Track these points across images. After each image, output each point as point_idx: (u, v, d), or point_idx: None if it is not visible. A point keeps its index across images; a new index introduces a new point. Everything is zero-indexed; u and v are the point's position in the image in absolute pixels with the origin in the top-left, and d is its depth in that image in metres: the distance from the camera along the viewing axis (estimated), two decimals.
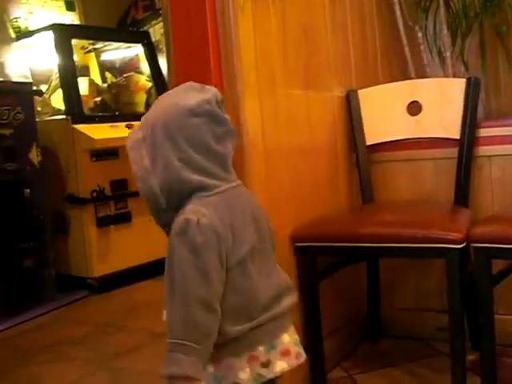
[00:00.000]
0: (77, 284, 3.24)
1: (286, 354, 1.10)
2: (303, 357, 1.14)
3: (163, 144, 1.04)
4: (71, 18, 4.34)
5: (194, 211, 1.02)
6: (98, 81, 4.18)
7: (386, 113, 2.12)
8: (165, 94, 1.14)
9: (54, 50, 3.56)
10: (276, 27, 1.80)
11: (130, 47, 4.27)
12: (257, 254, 1.09)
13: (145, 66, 4.22)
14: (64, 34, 3.59)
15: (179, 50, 1.67)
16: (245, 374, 1.05)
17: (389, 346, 2.15)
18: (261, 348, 1.07)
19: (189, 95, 1.07)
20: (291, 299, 1.16)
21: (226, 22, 1.60)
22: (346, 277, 2.08)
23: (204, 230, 0.99)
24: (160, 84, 4.05)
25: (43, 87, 3.78)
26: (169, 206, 1.05)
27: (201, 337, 0.99)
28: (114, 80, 4.21)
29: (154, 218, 1.08)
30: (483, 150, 2.02)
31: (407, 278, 2.22)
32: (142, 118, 1.10)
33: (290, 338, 1.13)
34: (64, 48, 3.55)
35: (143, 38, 4.13)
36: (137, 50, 4.24)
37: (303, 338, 1.84)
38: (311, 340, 1.84)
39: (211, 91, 1.10)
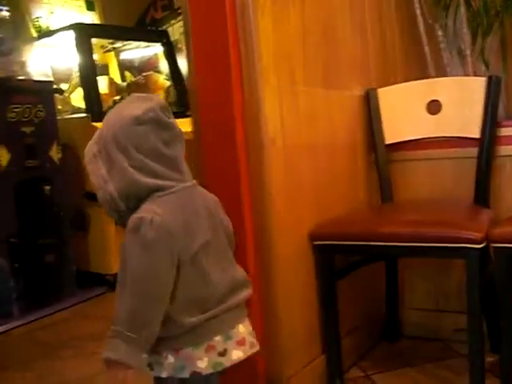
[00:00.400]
0: (96, 280, 3.27)
1: (241, 343, 1.17)
2: (257, 347, 1.21)
3: (115, 154, 1.12)
4: (91, 18, 4.37)
5: (147, 210, 1.10)
6: (118, 80, 4.21)
7: (405, 112, 2.11)
8: (114, 108, 1.24)
9: (74, 49, 3.60)
10: (295, 26, 1.79)
11: (149, 46, 4.30)
12: (212, 249, 1.16)
13: (163, 65, 4.25)
14: (84, 34, 3.62)
15: (199, 50, 1.68)
16: (203, 363, 1.11)
17: (407, 347, 2.14)
18: (217, 338, 1.13)
19: (134, 105, 1.15)
20: (247, 292, 1.23)
21: (246, 21, 1.61)
22: (365, 276, 2.07)
23: (156, 227, 1.07)
24: (178, 83, 4.07)
25: (63, 86, 3.82)
26: (128, 208, 1.12)
27: (141, 327, 1.06)
28: (133, 79, 4.23)
29: (115, 220, 1.16)
30: (504, 149, 1.99)
31: (426, 279, 2.20)
32: (96, 132, 1.19)
33: (245, 329, 1.19)
34: (84, 47, 3.58)
35: (162, 37, 4.15)
36: (156, 49, 4.27)
37: (321, 336, 1.85)
38: (329, 339, 1.84)
39: (155, 99, 1.18)
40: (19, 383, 2.18)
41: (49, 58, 3.88)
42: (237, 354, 1.15)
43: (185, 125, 3.20)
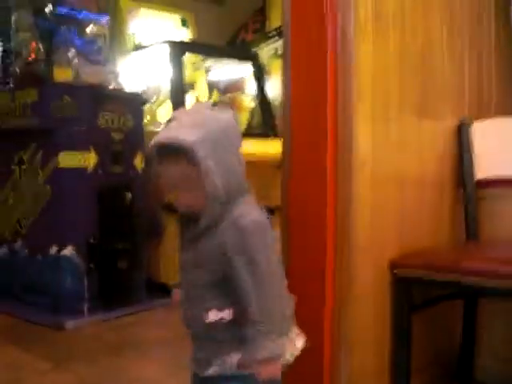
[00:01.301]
0: (164, 290, 3.30)
1: (298, 333, 1.27)
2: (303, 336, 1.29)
3: (223, 150, 1.16)
4: (184, 34, 4.50)
5: (255, 212, 1.18)
6: (205, 97, 4.29)
7: (499, 147, 2.04)
8: (195, 108, 1.44)
9: (166, 64, 3.70)
10: (394, 50, 1.78)
11: (237, 67, 4.37)
12: None
13: (250, 87, 4.30)
14: (178, 50, 3.73)
15: (296, 73, 1.68)
16: (287, 354, 1.22)
17: None
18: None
19: (215, 112, 1.22)
20: None
21: (346, 45, 1.60)
22: (441, 314, 2.00)
23: (271, 229, 1.18)
24: (264, 105, 4.11)
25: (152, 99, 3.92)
26: (226, 201, 1.17)
27: (282, 320, 1.18)
28: (220, 98, 4.31)
29: (207, 210, 1.16)
30: None
31: (507, 324, 2.09)
32: (191, 131, 1.16)
33: None
34: (176, 63, 3.69)
35: (252, 59, 4.21)
36: (244, 71, 4.33)
37: (390, 371, 1.78)
38: (399, 374, 1.78)
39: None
40: (85, 375, 2.23)
41: (141, 71, 4.01)
42: (299, 343, 1.25)
43: (268, 145, 3.26)
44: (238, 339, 1.18)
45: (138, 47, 4.08)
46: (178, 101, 3.62)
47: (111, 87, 3.33)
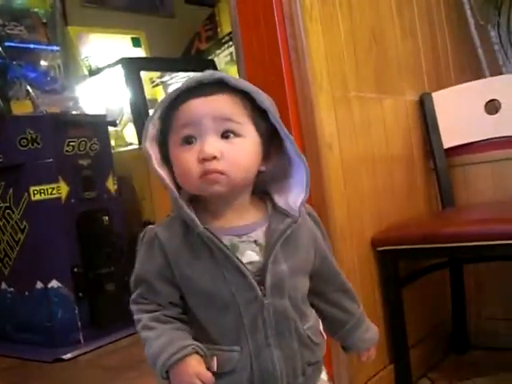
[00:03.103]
0: None
1: None
2: None
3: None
4: (139, 54, 4.48)
5: None
6: None
7: (462, 114, 2.07)
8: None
9: (123, 82, 3.68)
10: (344, 31, 1.79)
11: None
12: None
13: None
14: (132, 67, 3.71)
15: (250, 61, 1.69)
16: None
17: (477, 357, 2.05)
18: None
19: None
20: None
21: (296, 28, 1.61)
22: (430, 285, 2.02)
23: None
24: None
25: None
26: None
27: None
28: None
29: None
30: None
31: (494, 286, 2.12)
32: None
33: None
34: (133, 81, 3.67)
35: (209, 67, 4.19)
36: None
37: (388, 347, 1.79)
38: (397, 349, 1.79)
39: None
40: None
41: (100, 94, 3.99)
42: None
43: None
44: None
45: (94, 71, 4.06)
46: (141, 117, 3.59)
47: (73, 113, 3.30)
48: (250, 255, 0.93)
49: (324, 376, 1.06)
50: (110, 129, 3.53)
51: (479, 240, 1.61)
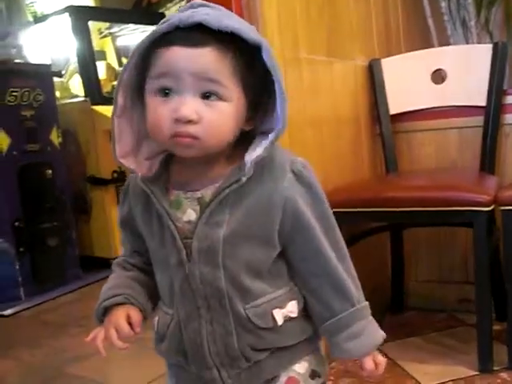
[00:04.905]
0: (100, 264, 3.26)
1: None
2: None
3: None
4: (88, 2, 4.33)
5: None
6: (115, 65, 4.18)
7: (409, 82, 2.09)
8: None
9: (70, 32, 3.56)
10: None
11: (145, 31, 4.25)
12: None
13: None
14: (81, 17, 3.58)
15: None
16: None
17: (413, 318, 2.14)
18: None
19: None
20: None
21: None
22: (370, 249, 2.07)
23: None
24: None
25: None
26: None
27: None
28: None
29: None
30: (510, 117, 1.98)
31: (430, 251, 2.20)
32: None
33: None
34: (81, 30, 3.55)
35: (158, 21, 4.10)
36: None
37: None
38: None
39: None
40: (28, 360, 2.19)
41: (45, 43, 3.85)
42: None
43: None
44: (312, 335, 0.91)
45: (39, 18, 3.90)
46: (88, 68, 3.50)
47: (16, 61, 3.19)
48: (190, 213, 0.84)
49: (300, 368, 0.90)
50: (55, 79, 3.45)
51: (418, 206, 1.66)
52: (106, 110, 3.30)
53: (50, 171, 3.08)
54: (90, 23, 3.66)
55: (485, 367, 1.67)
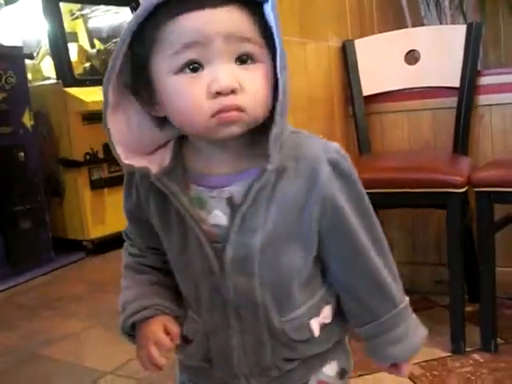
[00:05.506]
0: (73, 246, 3.25)
1: None
2: None
3: None
4: None
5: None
6: (87, 47, 4.11)
7: (383, 63, 2.09)
8: None
9: (41, 13, 3.49)
10: None
11: (117, 12, 4.19)
12: None
13: None
14: None
15: None
16: None
17: None
18: None
19: None
20: None
21: None
22: None
23: None
24: None
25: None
26: None
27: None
28: (103, 46, 4.14)
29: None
30: (483, 98, 1.98)
31: (404, 232, 2.21)
32: None
33: None
34: (52, 11, 3.48)
35: (131, 1, 4.05)
36: (124, 16, 4.16)
37: None
38: None
39: None
40: (3, 342, 2.18)
41: (17, 25, 3.78)
42: None
43: None
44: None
45: (9, 0, 3.82)
46: (59, 50, 3.45)
47: None
48: (218, 217, 0.73)
49: (329, 371, 0.85)
50: (27, 61, 3.39)
51: (391, 187, 1.67)
52: (78, 92, 3.29)
53: (22, 154, 3.05)
54: (62, 4, 3.60)
55: (457, 348, 1.68)
